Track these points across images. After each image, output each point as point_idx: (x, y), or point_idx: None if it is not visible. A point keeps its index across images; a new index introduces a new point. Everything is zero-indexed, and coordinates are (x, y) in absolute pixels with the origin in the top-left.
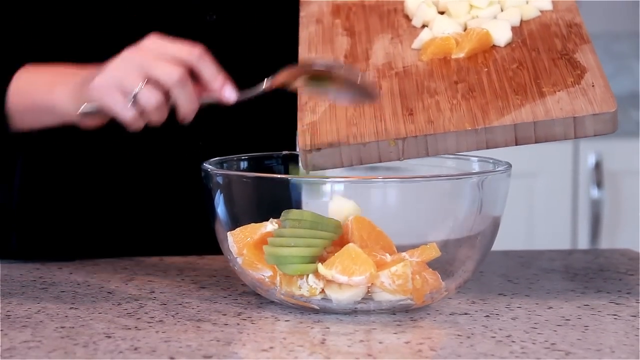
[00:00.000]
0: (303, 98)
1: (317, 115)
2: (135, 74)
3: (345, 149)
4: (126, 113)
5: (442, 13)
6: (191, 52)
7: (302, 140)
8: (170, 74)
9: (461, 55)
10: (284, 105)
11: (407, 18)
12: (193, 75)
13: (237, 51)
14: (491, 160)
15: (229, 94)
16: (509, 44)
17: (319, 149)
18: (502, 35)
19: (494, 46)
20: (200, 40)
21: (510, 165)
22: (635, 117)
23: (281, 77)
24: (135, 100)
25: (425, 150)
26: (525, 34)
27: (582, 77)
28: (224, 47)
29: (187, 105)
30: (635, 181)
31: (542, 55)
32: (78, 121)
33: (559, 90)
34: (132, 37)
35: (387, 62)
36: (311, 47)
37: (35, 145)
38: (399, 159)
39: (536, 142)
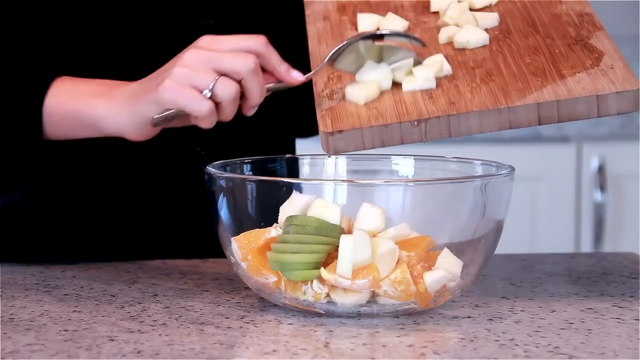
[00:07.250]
0: (319, 86)
1: (335, 102)
2: (207, 70)
3: (367, 131)
4: (202, 107)
5: None
6: (258, 41)
7: (323, 123)
8: (245, 63)
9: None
10: (282, 109)
11: (416, 12)
12: None
13: None
14: (494, 164)
15: (297, 75)
16: (521, 32)
17: (341, 131)
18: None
19: (506, 35)
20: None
21: (513, 169)
22: (638, 121)
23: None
24: (212, 94)
25: (448, 131)
26: (538, 23)
27: (600, 59)
28: None
29: (259, 94)
30: (639, 184)
31: (557, 42)
32: (127, 133)
33: (578, 72)
34: (127, 45)
35: None
36: (321, 40)
37: (39, 151)
38: (421, 141)
39: (559, 121)
